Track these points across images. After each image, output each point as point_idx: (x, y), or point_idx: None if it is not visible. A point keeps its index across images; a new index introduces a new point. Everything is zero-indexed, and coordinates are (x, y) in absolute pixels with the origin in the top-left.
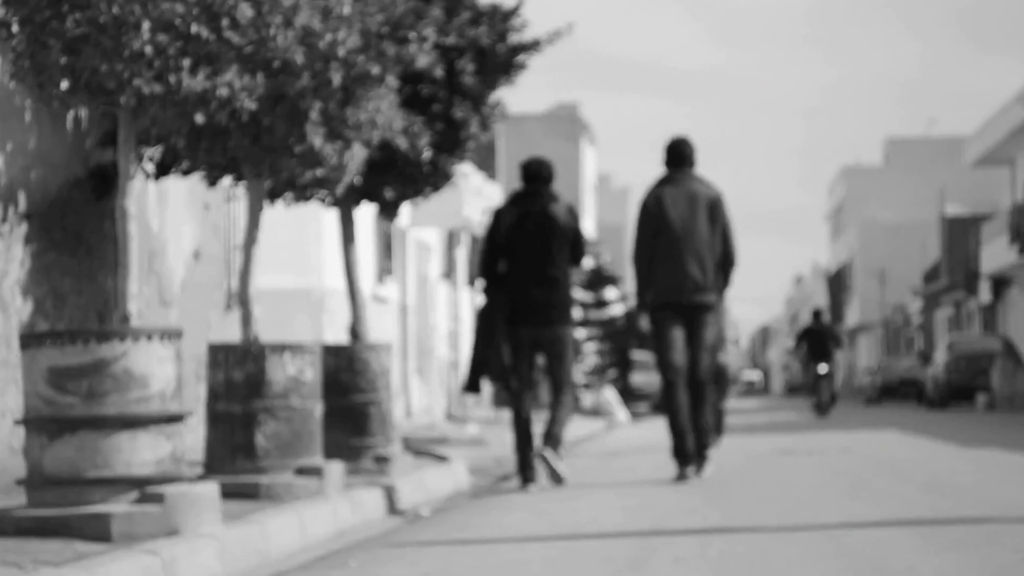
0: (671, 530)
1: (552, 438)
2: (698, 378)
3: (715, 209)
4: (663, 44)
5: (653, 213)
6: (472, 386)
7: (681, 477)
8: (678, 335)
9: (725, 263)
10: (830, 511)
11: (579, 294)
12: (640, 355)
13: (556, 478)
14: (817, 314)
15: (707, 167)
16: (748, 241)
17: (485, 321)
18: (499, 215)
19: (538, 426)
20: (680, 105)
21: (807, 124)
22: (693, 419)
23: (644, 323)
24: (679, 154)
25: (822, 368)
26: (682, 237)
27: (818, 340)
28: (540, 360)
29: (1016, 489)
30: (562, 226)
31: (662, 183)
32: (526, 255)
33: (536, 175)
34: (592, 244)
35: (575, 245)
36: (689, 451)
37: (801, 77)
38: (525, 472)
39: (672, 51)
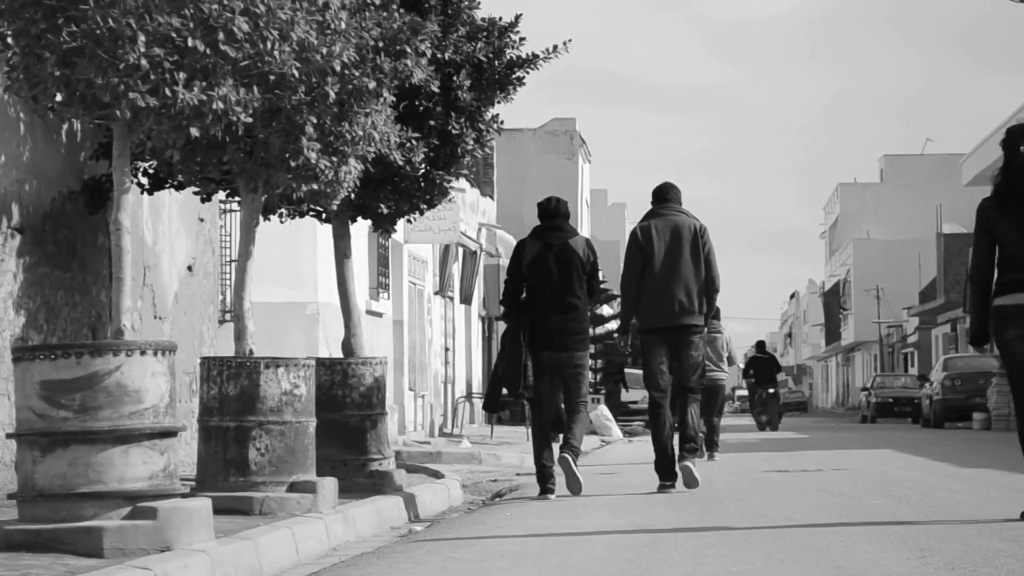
0: (666, 548)
1: (571, 448)
2: (686, 386)
3: (699, 238)
4: (661, 60)
5: (642, 243)
6: (491, 404)
7: (663, 488)
8: (663, 358)
9: (709, 289)
10: (825, 530)
11: None
12: (633, 372)
13: (575, 485)
14: (761, 345)
15: (705, 184)
16: (745, 258)
17: (508, 343)
18: (522, 247)
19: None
20: (677, 122)
21: (806, 141)
22: (680, 421)
23: (625, 345)
24: (665, 192)
25: (769, 390)
26: (669, 265)
27: (763, 367)
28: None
29: (1011, 510)
30: (582, 259)
31: (649, 216)
32: (548, 285)
33: (556, 212)
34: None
35: (592, 277)
36: (671, 466)
37: (801, 93)
38: (545, 482)
39: (670, 67)
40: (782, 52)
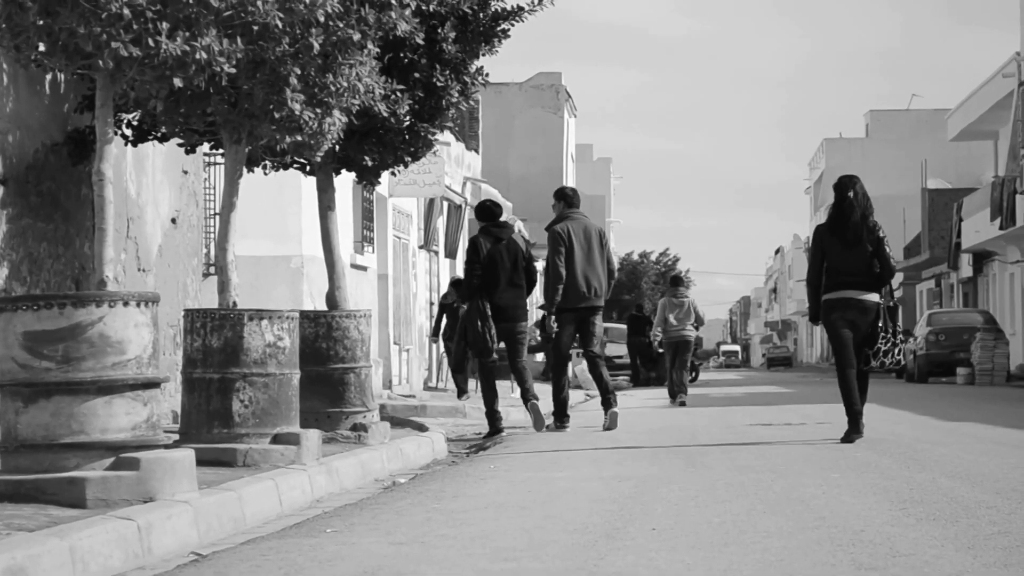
0: (648, 500)
1: (533, 395)
2: (591, 353)
3: (602, 238)
4: (638, 13)
5: (565, 240)
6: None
7: (559, 428)
8: (572, 331)
9: (611, 278)
10: (808, 483)
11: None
12: (616, 327)
13: (540, 423)
14: (639, 306)
15: (687, 140)
16: (730, 214)
17: (475, 317)
18: (477, 242)
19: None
20: (658, 77)
21: (788, 96)
22: (596, 378)
23: (551, 324)
24: (572, 199)
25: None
26: (584, 259)
27: (638, 323)
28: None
29: (993, 462)
30: (524, 252)
31: (564, 219)
32: (503, 272)
33: (496, 212)
34: None
35: (528, 267)
36: (564, 409)
37: (777, 48)
38: (497, 424)
39: (649, 20)
40: (755, 6)
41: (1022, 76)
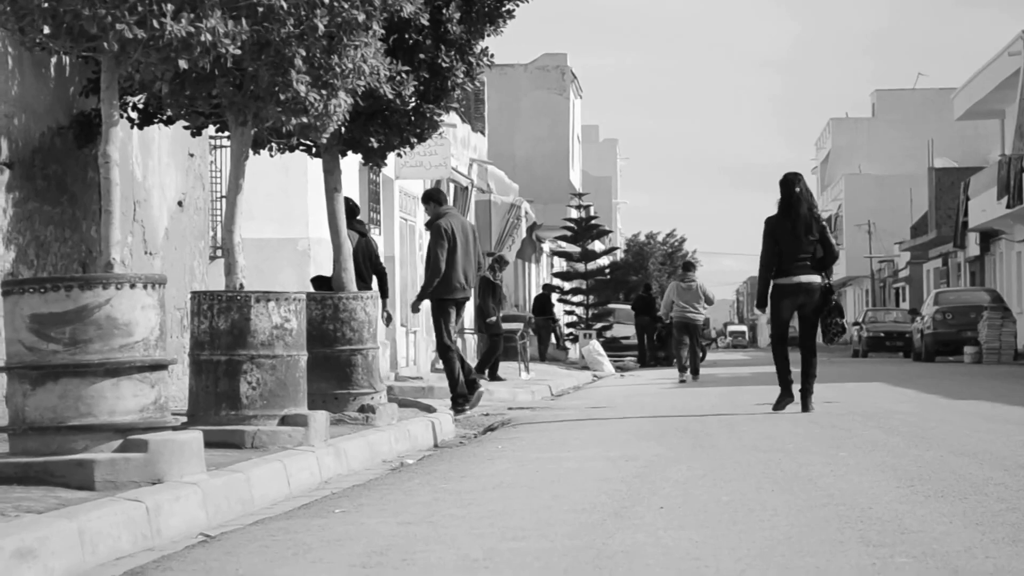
0: (656, 480)
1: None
2: (447, 344)
3: (474, 233)
4: None
5: (449, 236)
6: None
7: (459, 410)
8: (454, 318)
9: (477, 270)
10: (816, 461)
11: (565, 246)
12: (622, 307)
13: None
14: (647, 286)
15: (689, 121)
16: (735, 193)
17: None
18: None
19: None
20: (661, 57)
21: (792, 77)
22: (447, 371)
23: (417, 307)
24: (441, 197)
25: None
26: (463, 253)
27: (645, 304)
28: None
29: (1000, 440)
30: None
31: (443, 215)
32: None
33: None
34: (579, 195)
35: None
36: (471, 388)
37: (782, 30)
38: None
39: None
40: None
41: None
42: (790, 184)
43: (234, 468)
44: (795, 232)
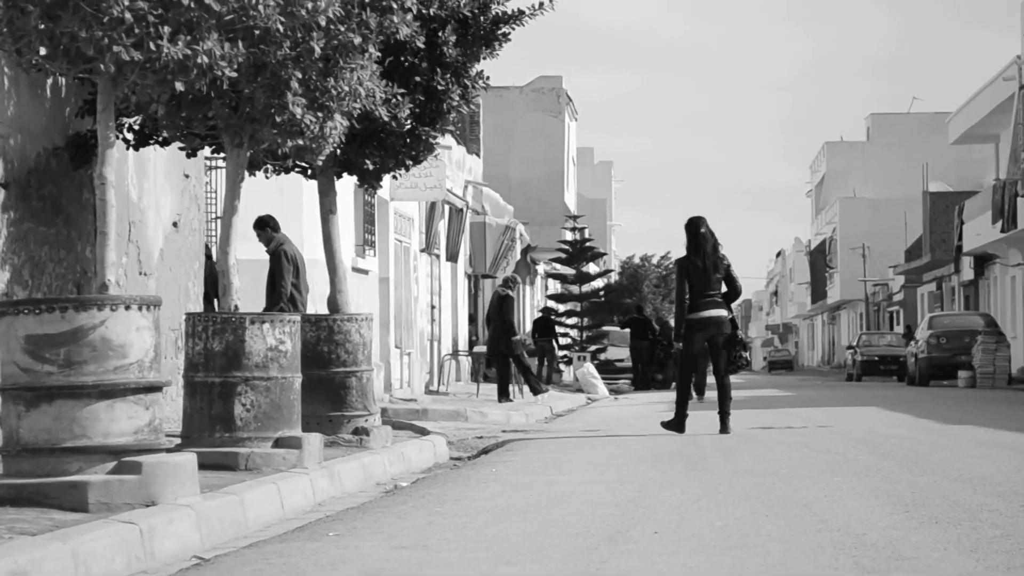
0: (650, 504)
1: None
2: None
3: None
4: (638, 15)
5: (291, 262)
6: None
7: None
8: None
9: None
10: (810, 486)
11: (559, 268)
12: (617, 331)
13: None
14: (639, 308)
15: (690, 143)
16: (731, 217)
17: None
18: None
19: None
20: (659, 80)
21: (789, 99)
22: None
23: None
24: (274, 223)
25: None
26: (303, 279)
27: (639, 326)
28: None
29: (995, 465)
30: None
31: (283, 243)
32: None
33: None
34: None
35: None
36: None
37: (777, 52)
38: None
39: (648, 22)
40: (756, 9)
41: (1022, 79)
42: (695, 226)
43: (228, 490)
44: (704, 269)
